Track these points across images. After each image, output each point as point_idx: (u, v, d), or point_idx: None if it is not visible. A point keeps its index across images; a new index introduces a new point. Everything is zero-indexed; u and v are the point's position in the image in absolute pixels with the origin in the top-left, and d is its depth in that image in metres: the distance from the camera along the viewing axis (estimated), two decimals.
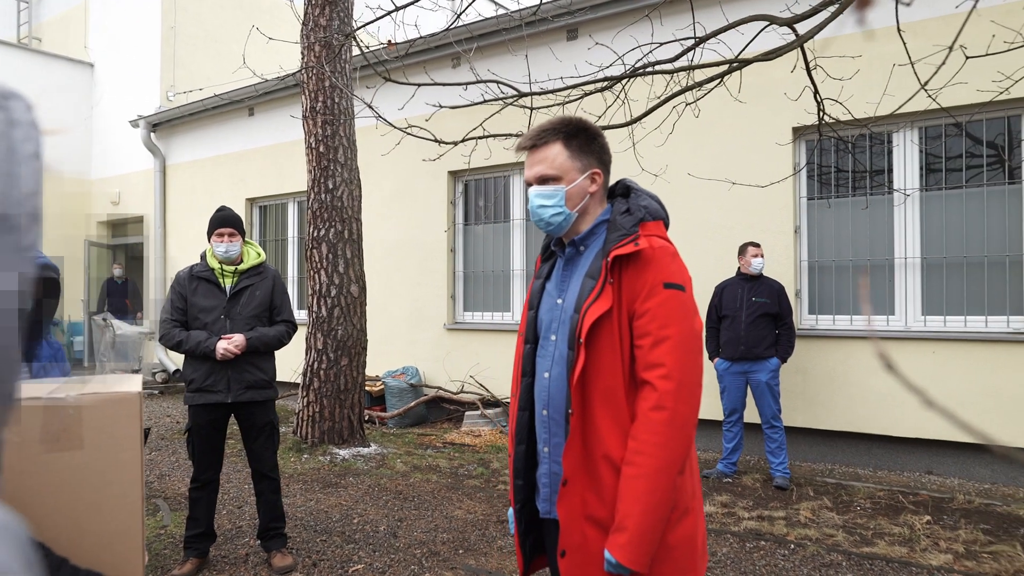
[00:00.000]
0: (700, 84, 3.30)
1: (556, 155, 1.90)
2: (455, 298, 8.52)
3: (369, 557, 4.21)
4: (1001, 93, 3.80)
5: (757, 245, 5.74)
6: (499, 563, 4.11)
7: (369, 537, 4.54)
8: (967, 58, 3.26)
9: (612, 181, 2.01)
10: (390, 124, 3.61)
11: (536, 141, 1.93)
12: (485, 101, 3.76)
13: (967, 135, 5.79)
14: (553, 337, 1.91)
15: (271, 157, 10.45)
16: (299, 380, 6.98)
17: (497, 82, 3.51)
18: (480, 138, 3.72)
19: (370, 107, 3.56)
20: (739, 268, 5.83)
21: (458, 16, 3.70)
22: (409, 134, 3.72)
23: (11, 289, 0.42)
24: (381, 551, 4.30)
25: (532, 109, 4.51)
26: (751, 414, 6.02)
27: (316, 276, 6.85)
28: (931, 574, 3.92)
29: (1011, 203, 5.64)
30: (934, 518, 4.80)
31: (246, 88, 10.36)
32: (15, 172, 0.42)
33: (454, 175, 8.48)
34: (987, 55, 3.42)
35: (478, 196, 8.55)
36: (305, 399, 6.79)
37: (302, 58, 7.01)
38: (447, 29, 3.70)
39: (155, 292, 12.11)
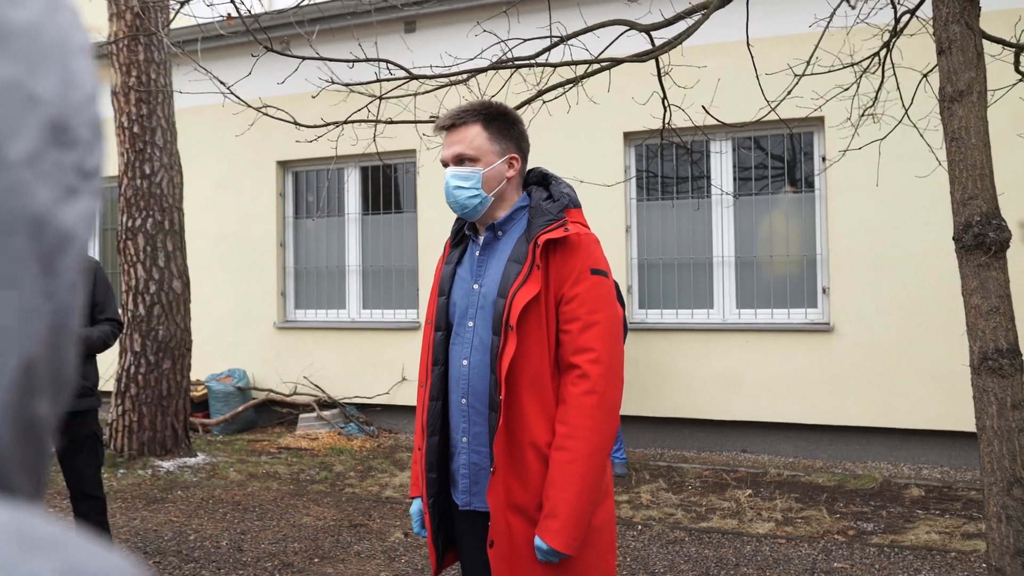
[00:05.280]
0: (571, 82, 3.39)
1: (475, 136, 1.87)
2: (286, 295, 8.08)
3: (214, 575, 3.87)
4: (815, 111, 4.33)
5: None
6: (359, 569, 3.95)
7: (211, 554, 4.16)
8: (797, 76, 3.65)
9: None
10: (244, 103, 3.32)
11: (455, 120, 1.89)
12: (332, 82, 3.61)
13: (768, 148, 6.48)
14: (470, 323, 1.86)
15: None
16: (111, 387, 6.25)
17: (388, 62, 3.36)
18: (337, 124, 3.53)
19: (220, 84, 3.25)
20: None
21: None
22: (265, 114, 3.45)
23: (83, 233, 0.32)
24: (227, 567, 3.96)
25: (380, 98, 4.39)
26: None
27: (132, 271, 6.17)
28: (760, 541, 4.34)
29: (806, 209, 6.39)
30: (754, 491, 5.31)
31: None
32: (70, 66, 0.30)
33: (283, 165, 8.04)
34: (807, 75, 3.86)
35: (308, 190, 8.17)
36: (120, 407, 6.10)
37: (110, 26, 6.31)
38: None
39: None
